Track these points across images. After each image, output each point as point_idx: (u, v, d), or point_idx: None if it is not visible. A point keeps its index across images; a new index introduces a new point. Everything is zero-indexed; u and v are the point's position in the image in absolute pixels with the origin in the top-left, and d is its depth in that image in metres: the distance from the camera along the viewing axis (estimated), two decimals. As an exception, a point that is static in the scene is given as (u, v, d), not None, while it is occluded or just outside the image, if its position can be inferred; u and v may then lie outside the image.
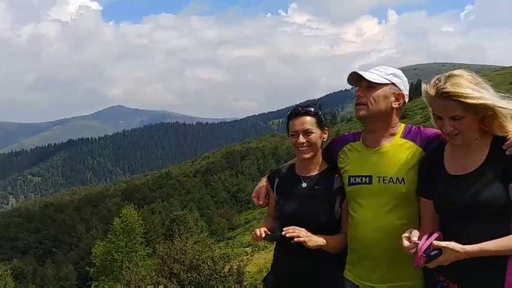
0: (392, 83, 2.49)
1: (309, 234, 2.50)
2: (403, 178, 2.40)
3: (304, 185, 2.69)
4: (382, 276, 2.46)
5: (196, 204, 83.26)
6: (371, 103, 2.47)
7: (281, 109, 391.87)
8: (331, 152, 2.76)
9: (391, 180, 2.42)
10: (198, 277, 13.83)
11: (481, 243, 1.98)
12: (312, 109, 2.68)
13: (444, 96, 2.05)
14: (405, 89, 2.53)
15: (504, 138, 2.07)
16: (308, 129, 2.64)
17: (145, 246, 26.87)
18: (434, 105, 2.12)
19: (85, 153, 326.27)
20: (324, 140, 2.71)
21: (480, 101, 2.01)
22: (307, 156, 2.66)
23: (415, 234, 2.10)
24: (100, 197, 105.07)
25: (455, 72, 2.11)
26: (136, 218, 27.65)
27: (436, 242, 2.01)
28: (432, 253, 2.01)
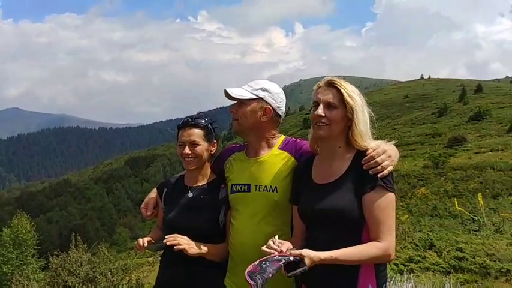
0: (260, 98, 2.59)
1: (191, 242, 2.54)
2: (276, 187, 2.52)
3: (190, 194, 2.73)
4: None
5: (97, 213, 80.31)
6: (241, 118, 2.62)
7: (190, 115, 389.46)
8: (220, 161, 2.82)
9: (265, 189, 2.54)
10: (96, 290, 13.10)
11: (331, 251, 2.07)
12: (203, 121, 2.72)
13: (329, 84, 2.26)
14: (275, 101, 2.62)
15: (364, 153, 2.22)
16: (194, 141, 2.68)
17: (39, 258, 25.41)
18: (316, 94, 2.30)
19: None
20: (212, 152, 2.76)
21: (350, 102, 2.20)
22: (191, 167, 2.71)
23: (279, 243, 2.17)
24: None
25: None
26: (28, 228, 26.16)
27: (293, 251, 2.06)
28: (291, 259, 2.04)
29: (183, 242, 2.51)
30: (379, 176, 2.16)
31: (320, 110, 2.24)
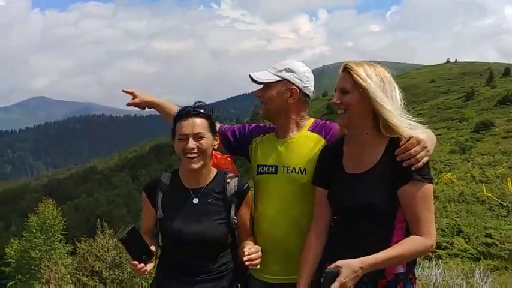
0: (285, 79, 2.51)
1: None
2: (305, 168, 2.45)
3: (195, 201, 2.42)
4: (282, 268, 2.47)
5: (123, 200, 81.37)
6: (268, 102, 2.55)
7: (212, 103, 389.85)
8: (244, 138, 2.72)
9: (293, 171, 2.47)
10: (121, 275, 13.36)
11: (374, 255, 1.99)
12: (203, 110, 2.41)
13: (344, 68, 2.17)
14: (301, 81, 2.53)
15: (399, 141, 2.10)
16: (199, 132, 2.35)
17: (66, 244, 25.85)
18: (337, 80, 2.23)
19: (4, 146, 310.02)
20: (215, 147, 2.47)
21: (362, 83, 2.09)
22: (196, 166, 2.37)
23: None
24: (20, 192, 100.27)
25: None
26: (55, 214, 26.56)
27: (329, 266, 1.99)
28: (326, 271, 1.97)
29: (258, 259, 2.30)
30: (413, 168, 2.05)
31: (334, 97, 2.19)
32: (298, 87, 2.53)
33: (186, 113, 2.39)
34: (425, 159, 2.07)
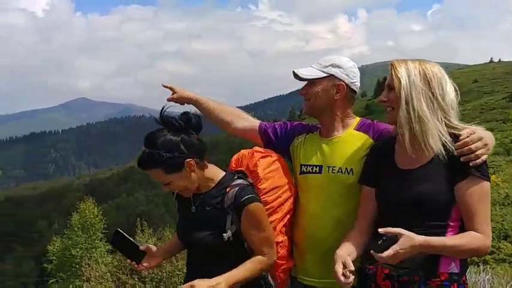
0: (331, 75, 2.42)
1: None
2: (351, 169, 2.36)
3: (193, 209, 2.33)
4: (324, 271, 2.36)
5: (162, 199, 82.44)
6: (313, 99, 2.46)
7: (250, 104, 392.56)
8: (286, 137, 2.62)
9: (339, 171, 2.38)
10: (160, 274, 13.44)
11: (429, 238, 1.93)
12: (149, 160, 2.15)
13: (391, 66, 2.13)
14: (348, 77, 2.45)
15: (457, 137, 2.04)
16: (162, 182, 2.21)
17: (106, 242, 26.36)
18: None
19: (48, 146, 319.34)
20: (193, 170, 2.20)
21: (397, 80, 2.05)
22: (186, 195, 2.32)
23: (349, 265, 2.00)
24: (63, 191, 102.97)
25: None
26: (96, 213, 27.14)
27: (383, 229, 1.90)
28: (384, 238, 1.88)
29: None
30: (471, 164, 1.99)
31: (382, 95, 2.17)
32: (345, 83, 2.45)
33: (138, 164, 2.18)
34: (485, 156, 2.01)
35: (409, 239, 1.88)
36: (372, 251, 1.89)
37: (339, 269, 1.99)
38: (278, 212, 2.38)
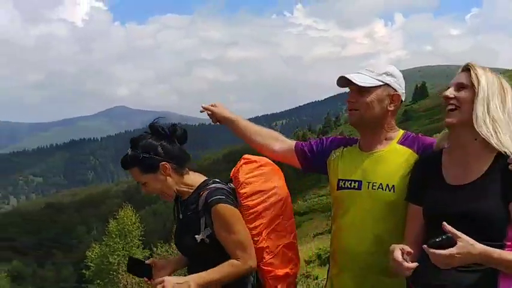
0: (386, 84, 2.28)
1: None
2: (393, 185, 2.22)
3: (181, 215, 2.46)
4: (358, 286, 2.27)
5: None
6: (363, 108, 2.28)
7: (285, 110, 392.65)
8: (320, 154, 2.49)
9: (380, 187, 2.24)
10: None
11: (487, 247, 1.77)
12: (128, 159, 2.35)
13: (464, 68, 2.05)
14: (401, 87, 2.34)
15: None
16: (139, 181, 2.39)
17: (143, 249, 26.58)
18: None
19: (87, 153, 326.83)
20: (169, 175, 2.35)
21: (476, 81, 1.96)
22: (167, 199, 2.47)
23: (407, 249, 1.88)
24: (101, 197, 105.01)
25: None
26: (133, 220, 27.39)
27: (448, 227, 1.76)
28: (443, 237, 1.74)
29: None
30: None
31: (448, 91, 2.02)
32: (399, 94, 2.32)
33: (121, 164, 2.41)
34: None
35: (469, 244, 1.74)
36: (426, 246, 1.76)
37: (399, 254, 1.86)
38: (264, 217, 2.34)
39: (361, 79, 2.28)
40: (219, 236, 2.28)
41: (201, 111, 2.77)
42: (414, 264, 1.84)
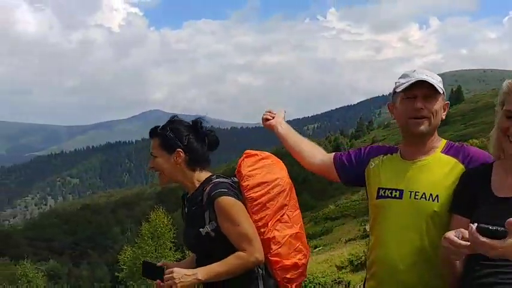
0: (443, 92, 2.23)
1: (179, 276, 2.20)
2: (437, 195, 2.13)
3: (186, 210, 2.51)
4: None
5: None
6: (433, 116, 2.19)
7: (316, 114, 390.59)
8: (364, 157, 2.43)
9: (423, 196, 2.15)
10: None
11: None
12: (158, 129, 2.48)
13: None
14: (445, 96, 2.28)
15: None
16: (152, 152, 2.48)
17: (175, 251, 26.71)
18: (509, 100, 1.90)
19: (122, 156, 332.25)
20: (178, 163, 2.42)
21: None
22: (160, 184, 2.59)
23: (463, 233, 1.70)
24: (135, 199, 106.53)
25: None
26: (166, 222, 27.52)
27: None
28: (499, 228, 1.57)
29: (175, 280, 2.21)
30: None
31: (503, 121, 1.93)
32: (448, 102, 2.31)
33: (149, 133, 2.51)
34: None
35: None
36: (475, 226, 1.59)
37: (452, 234, 1.70)
38: (269, 208, 2.34)
39: (437, 84, 2.20)
40: (224, 229, 2.29)
41: (263, 117, 2.80)
42: (466, 244, 1.65)
